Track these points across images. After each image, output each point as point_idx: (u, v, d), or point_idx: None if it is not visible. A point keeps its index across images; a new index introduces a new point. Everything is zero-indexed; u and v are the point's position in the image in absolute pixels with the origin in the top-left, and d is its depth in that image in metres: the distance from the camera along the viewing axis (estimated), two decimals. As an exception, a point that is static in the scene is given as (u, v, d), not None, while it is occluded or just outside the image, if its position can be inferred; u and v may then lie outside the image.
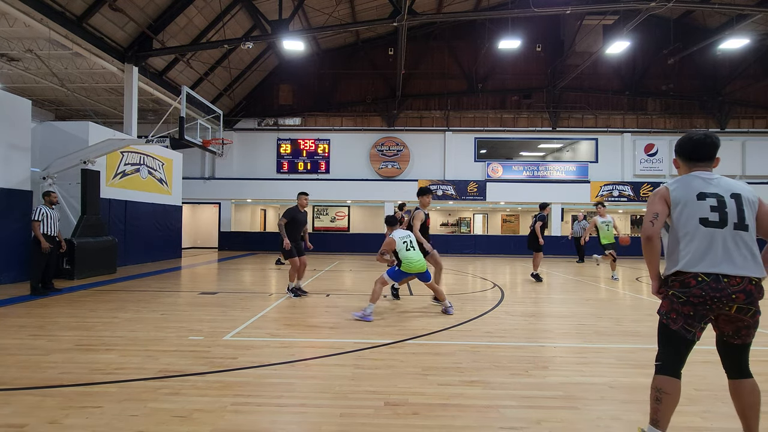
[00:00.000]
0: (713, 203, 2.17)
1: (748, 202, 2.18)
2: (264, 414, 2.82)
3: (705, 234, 2.16)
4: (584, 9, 14.19)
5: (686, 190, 2.24)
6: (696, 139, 2.34)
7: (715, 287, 2.12)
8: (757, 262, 2.13)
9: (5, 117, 8.26)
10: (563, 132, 20.38)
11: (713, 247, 2.14)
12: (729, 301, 2.11)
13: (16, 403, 2.89)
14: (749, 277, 2.10)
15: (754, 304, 2.12)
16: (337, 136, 20.32)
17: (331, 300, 7.07)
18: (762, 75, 19.60)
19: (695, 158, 2.35)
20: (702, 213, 2.18)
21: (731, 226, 2.14)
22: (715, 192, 2.20)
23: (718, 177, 2.26)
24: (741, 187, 2.22)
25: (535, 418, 2.79)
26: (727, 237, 2.14)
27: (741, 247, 2.13)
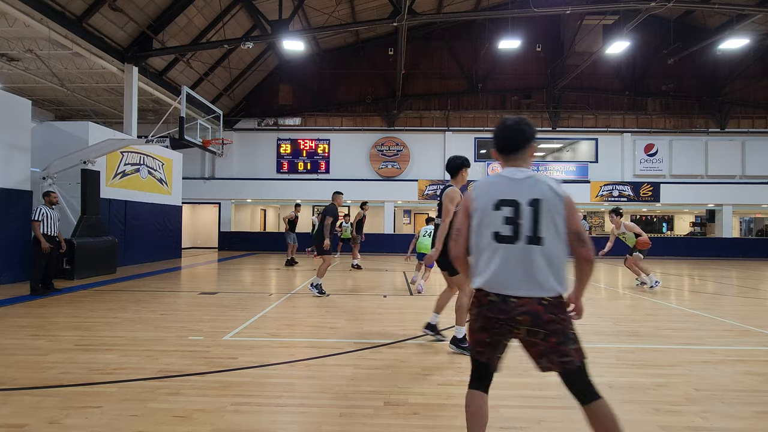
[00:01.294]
0: (508, 213, 1.88)
1: (548, 210, 1.84)
2: (264, 414, 2.82)
3: (497, 250, 1.89)
4: (584, 9, 14.20)
5: (486, 197, 1.94)
6: (501, 127, 2.00)
7: (503, 308, 1.88)
8: (549, 279, 1.84)
9: (5, 117, 8.26)
10: (563, 132, 20.39)
11: (505, 265, 1.88)
12: (516, 323, 1.86)
13: (16, 403, 2.89)
14: (537, 297, 1.85)
15: (544, 327, 1.84)
16: (337, 136, 20.32)
17: (331, 300, 7.07)
18: (762, 75, 19.59)
19: (503, 150, 2.01)
20: (495, 226, 1.89)
21: (524, 241, 1.85)
22: (513, 198, 1.88)
23: (528, 176, 1.91)
24: (544, 191, 1.86)
25: (535, 418, 2.79)
26: (519, 253, 1.86)
27: (533, 264, 1.85)
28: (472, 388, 2.06)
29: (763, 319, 5.94)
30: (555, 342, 1.85)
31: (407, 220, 24.92)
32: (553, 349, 1.86)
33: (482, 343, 1.99)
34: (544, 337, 1.86)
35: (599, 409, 1.86)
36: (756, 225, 24.34)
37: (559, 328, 1.85)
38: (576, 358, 1.88)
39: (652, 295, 8.09)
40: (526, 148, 1.98)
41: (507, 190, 1.91)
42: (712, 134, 19.97)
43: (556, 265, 1.86)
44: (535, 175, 1.92)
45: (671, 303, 7.22)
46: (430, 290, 8.15)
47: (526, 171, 1.94)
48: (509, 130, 1.98)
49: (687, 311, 6.46)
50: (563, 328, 1.86)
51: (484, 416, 2.02)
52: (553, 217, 1.85)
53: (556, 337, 1.85)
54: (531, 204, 1.86)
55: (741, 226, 24.55)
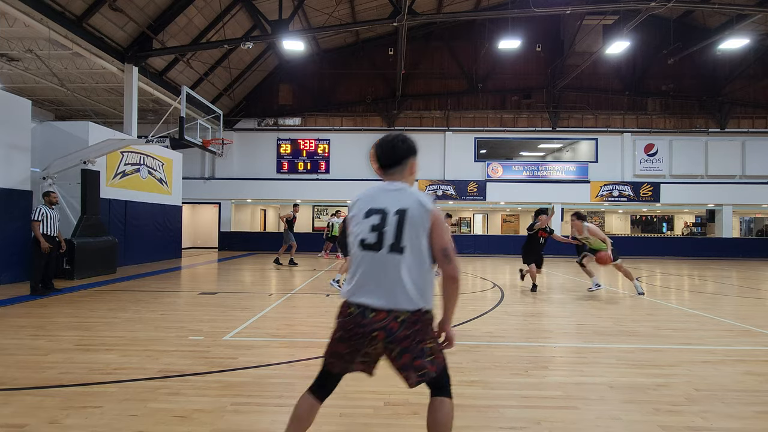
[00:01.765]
0: (375, 221, 1.86)
1: (412, 221, 1.82)
2: (264, 414, 2.82)
3: (363, 258, 1.86)
4: (584, 9, 14.20)
5: (362, 204, 1.95)
6: (379, 143, 2.03)
7: (360, 322, 1.83)
8: (409, 292, 1.80)
9: (5, 117, 8.26)
10: (563, 132, 20.39)
11: (367, 274, 1.85)
12: (372, 339, 1.81)
13: (16, 403, 2.89)
14: (395, 310, 1.80)
15: (399, 343, 1.80)
16: (337, 136, 20.32)
17: (331, 300, 7.07)
18: (762, 75, 19.60)
19: (381, 164, 2.03)
20: (363, 233, 1.88)
21: (386, 249, 1.82)
22: (382, 207, 1.87)
23: (402, 189, 1.93)
24: (411, 202, 1.85)
25: (535, 418, 2.79)
26: (381, 262, 1.82)
27: (393, 273, 1.80)
28: (310, 393, 2.03)
29: (763, 319, 5.94)
30: (410, 358, 1.83)
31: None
32: (409, 365, 1.83)
33: (337, 354, 1.95)
34: (399, 354, 1.82)
35: (441, 405, 1.90)
36: (756, 225, 24.34)
37: (414, 345, 1.82)
38: (431, 370, 1.85)
39: (652, 295, 8.09)
40: (401, 164, 2.01)
41: (380, 200, 1.91)
42: (712, 134, 19.97)
43: (416, 277, 1.82)
44: (406, 188, 1.94)
45: (671, 303, 7.22)
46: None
47: (399, 184, 1.96)
48: (386, 146, 2.01)
49: (687, 311, 6.46)
50: (419, 344, 1.83)
51: (309, 423, 2.00)
52: (416, 229, 1.83)
53: (411, 353, 1.82)
54: (397, 213, 1.84)
55: (741, 226, 24.55)
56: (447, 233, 1.90)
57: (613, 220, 24.65)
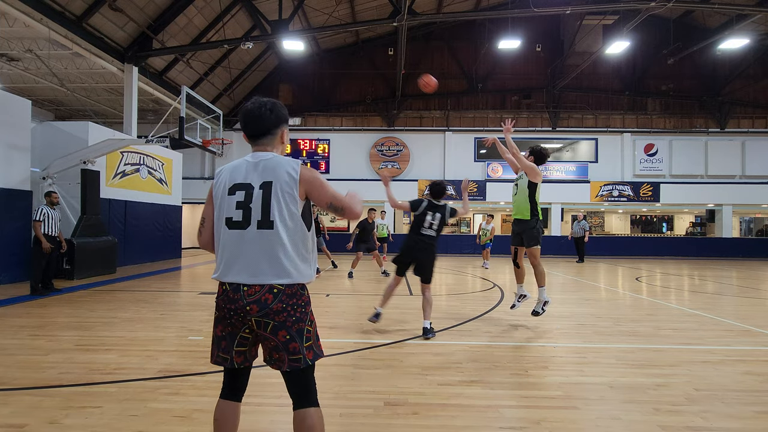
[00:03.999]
0: (240, 198, 1.76)
1: (279, 192, 1.74)
2: (264, 414, 2.82)
3: (230, 237, 1.76)
4: (584, 9, 14.20)
5: (224, 182, 1.82)
6: (243, 111, 1.88)
7: (233, 297, 1.73)
8: (282, 264, 1.73)
9: (5, 117, 8.25)
10: (563, 132, 20.39)
11: (238, 253, 1.75)
12: (245, 314, 1.71)
13: (16, 403, 2.89)
14: (268, 284, 1.72)
15: (273, 317, 1.70)
16: (336, 136, 20.32)
17: (331, 300, 7.07)
18: (762, 75, 19.60)
19: (248, 134, 1.88)
20: (228, 212, 1.77)
21: (254, 226, 1.73)
22: (247, 182, 1.77)
23: (268, 158, 1.80)
24: (277, 173, 1.75)
25: (535, 418, 2.79)
26: (251, 239, 1.73)
27: (264, 249, 1.73)
28: (222, 398, 1.90)
29: (763, 319, 5.94)
30: (285, 337, 1.72)
31: (407, 220, 24.93)
32: (283, 344, 1.72)
33: (218, 341, 1.84)
34: (274, 331, 1.72)
35: (307, 417, 1.77)
36: (756, 225, 24.34)
37: (290, 321, 1.73)
38: (308, 356, 1.76)
39: (652, 295, 8.09)
40: (272, 133, 1.86)
41: (245, 173, 1.79)
42: (712, 134, 19.97)
43: (291, 250, 1.74)
44: (273, 158, 1.80)
45: (671, 303, 7.22)
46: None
47: (266, 154, 1.82)
48: (250, 114, 1.85)
49: (687, 311, 6.46)
50: (296, 323, 1.74)
51: (235, 426, 1.89)
52: (285, 200, 1.74)
53: (286, 332, 1.73)
54: (262, 187, 1.75)
55: (741, 226, 24.55)
56: (325, 187, 1.81)
57: (613, 220, 24.65)
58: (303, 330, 1.76)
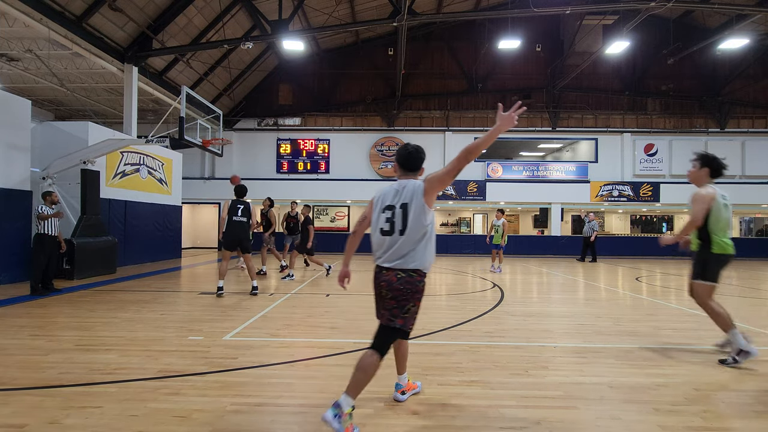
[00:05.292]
0: (389, 215, 2.64)
1: (412, 209, 2.59)
2: (264, 414, 2.82)
3: (381, 240, 2.68)
4: (584, 9, 14.20)
5: (380, 202, 2.72)
6: (403, 152, 2.74)
7: (377, 275, 2.69)
8: (407, 258, 2.59)
9: (5, 117, 8.25)
10: (563, 132, 20.39)
11: (383, 248, 2.66)
12: (379, 287, 2.67)
13: (16, 404, 2.89)
14: (396, 269, 2.60)
15: (392, 291, 2.60)
16: (336, 136, 20.32)
17: (331, 300, 7.07)
18: (762, 75, 19.60)
19: (405, 169, 2.77)
20: (381, 224, 2.67)
21: (397, 233, 2.61)
22: (393, 204, 2.64)
23: (405, 185, 2.66)
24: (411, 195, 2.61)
25: (535, 418, 2.79)
26: (394, 241, 2.62)
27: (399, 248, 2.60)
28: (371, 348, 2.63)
29: (763, 319, 5.94)
30: (393, 304, 2.62)
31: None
32: (390, 309, 2.63)
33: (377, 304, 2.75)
34: (390, 297, 2.63)
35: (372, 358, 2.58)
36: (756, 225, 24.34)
37: (401, 298, 2.60)
38: (398, 322, 2.63)
39: (652, 295, 8.09)
40: (415, 171, 2.77)
41: (392, 196, 2.68)
42: (712, 134, 19.97)
43: (412, 248, 2.59)
44: (408, 184, 2.67)
45: (671, 303, 7.22)
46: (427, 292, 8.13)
47: (405, 182, 2.70)
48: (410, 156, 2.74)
49: (687, 311, 6.46)
50: (404, 301, 2.61)
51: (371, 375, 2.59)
52: (416, 213, 2.58)
53: (396, 301, 2.61)
54: (402, 207, 2.62)
55: (741, 226, 24.54)
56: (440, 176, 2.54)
57: (613, 220, 24.64)
58: (406, 307, 2.64)
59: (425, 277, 2.68)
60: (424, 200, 2.57)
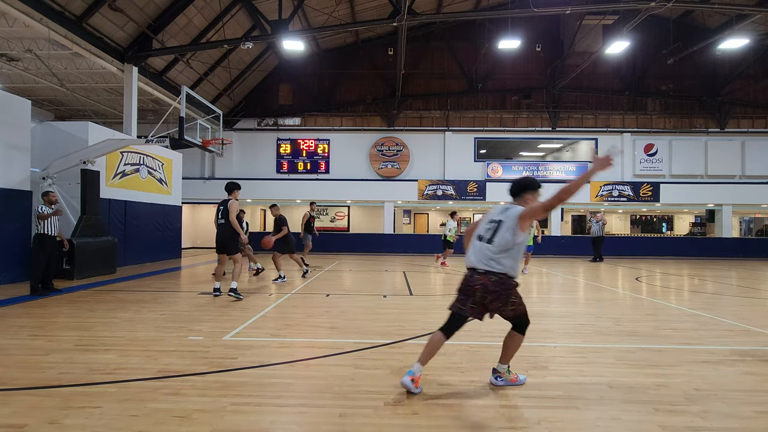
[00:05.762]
0: (489, 226, 3.20)
1: (504, 227, 3.10)
2: (264, 414, 2.82)
3: (475, 244, 3.24)
4: (584, 9, 14.20)
5: (488, 216, 3.31)
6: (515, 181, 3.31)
7: (469, 277, 3.17)
8: (492, 264, 3.07)
9: (5, 117, 8.25)
10: (563, 132, 20.39)
11: (474, 252, 3.21)
12: (473, 288, 3.10)
13: (16, 404, 2.89)
14: (490, 272, 3.07)
15: (490, 294, 3.06)
16: (336, 136, 20.32)
17: (331, 300, 7.07)
18: (762, 75, 19.60)
19: (510, 192, 3.34)
20: (481, 232, 3.24)
21: (485, 241, 3.16)
22: (495, 219, 3.19)
23: (510, 208, 3.19)
24: (507, 217, 3.13)
25: (535, 418, 2.79)
26: (482, 246, 3.17)
27: (485, 253, 3.12)
28: (440, 331, 3.20)
29: (763, 319, 5.94)
30: (498, 305, 3.11)
31: (407, 220, 24.93)
32: (496, 308, 3.13)
33: (458, 300, 3.20)
34: (490, 301, 3.08)
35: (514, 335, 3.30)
36: (756, 225, 24.35)
37: (501, 297, 3.07)
38: (510, 314, 3.17)
39: (652, 295, 8.09)
40: (519, 196, 3.27)
41: (497, 213, 3.25)
42: (712, 134, 19.97)
43: (497, 257, 3.08)
44: (511, 208, 3.18)
45: (671, 303, 7.22)
46: (425, 293, 8.11)
47: (510, 206, 3.22)
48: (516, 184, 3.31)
49: (687, 311, 6.46)
50: (504, 299, 3.08)
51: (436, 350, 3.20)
52: (507, 231, 3.08)
53: (498, 302, 3.09)
54: (496, 222, 3.17)
55: (741, 226, 24.55)
56: (536, 209, 3.02)
57: (612, 220, 24.65)
58: (510, 302, 3.12)
59: (514, 278, 3.14)
60: (518, 223, 3.04)
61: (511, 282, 3.08)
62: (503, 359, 3.33)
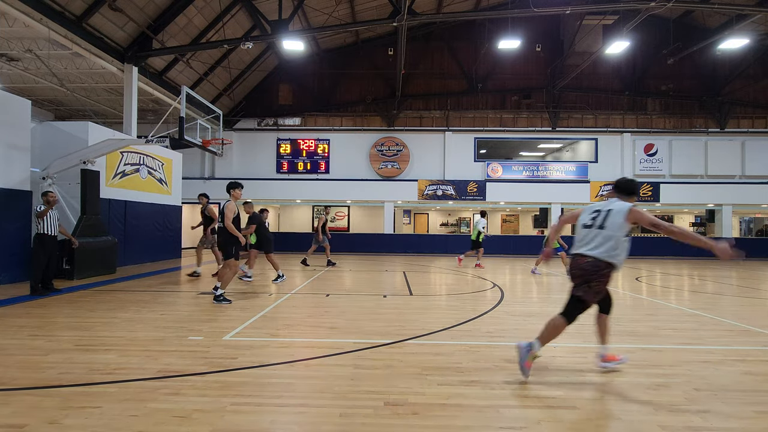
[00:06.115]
0: (594, 216, 3.52)
1: (612, 215, 3.40)
2: (264, 414, 2.82)
3: (582, 232, 3.57)
4: (584, 9, 14.19)
5: (588, 209, 3.67)
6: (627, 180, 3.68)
7: (573, 261, 3.54)
8: (597, 247, 3.38)
9: (5, 117, 8.25)
10: (563, 132, 20.39)
11: (581, 239, 3.54)
12: (573, 269, 3.53)
13: (16, 404, 2.89)
14: (587, 255, 3.41)
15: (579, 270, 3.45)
16: (336, 136, 20.32)
17: (331, 300, 7.07)
18: (762, 75, 19.59)
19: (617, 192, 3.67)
20: (585, 221, 3.57)
21: (596, 228, 3.46)
22: (600, 209, 3.52)
23: (617, 201, 3.55)
24: (617, 207, 3.43)
25: (535, 418, 2.79)
26: (589, 232, 3.49)
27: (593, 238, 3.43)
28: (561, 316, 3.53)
29: (763, 319, 5.94)
30: (579, 282, 3.46)
31: (407, 220, 24.93)
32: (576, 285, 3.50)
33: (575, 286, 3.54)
34: (580, 279, 3.45)
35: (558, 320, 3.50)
36: (756, 225, 24.34)
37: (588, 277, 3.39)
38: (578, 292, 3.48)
39: (652, 295, 8.09)
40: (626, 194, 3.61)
41: (600, 206, 3.57)
42: (712, 134, 19.97)
43: (605, 241, 3.37)
44: (616, 201, 3.54)
45: (671, 303, 7.22)
46: (424, 293, 8.11)
47: (615, 200, 3.58)
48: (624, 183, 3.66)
49: (687, 311, 6.46)
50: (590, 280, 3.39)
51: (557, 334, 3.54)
52: (614, 219, 3.38)
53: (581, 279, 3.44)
54: (606, 211, 3.47)
55: (741, 226, 24.55)
56: (646, 216, 3.31)
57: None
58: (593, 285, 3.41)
59: (612, 268, 3.35)
60: (625, 218, 3.32)
61: (606, 269, 3.35)
62: (602, 341, 3.72)
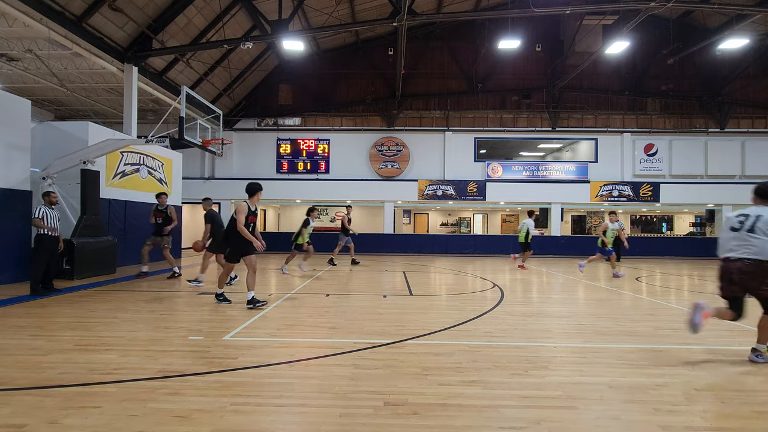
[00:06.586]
0: (742, 219, 3.89)
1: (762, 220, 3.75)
2: (264, 414, 2.82)
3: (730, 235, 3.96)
4: (584, 9, 14.20)
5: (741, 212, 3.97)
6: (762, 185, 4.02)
7: (726, 265, 3.92)
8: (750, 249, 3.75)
9: (5, 117, 8.25)
10: (563, 132, 20.39)
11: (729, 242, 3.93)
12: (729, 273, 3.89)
13: (16, 404, 2.89)
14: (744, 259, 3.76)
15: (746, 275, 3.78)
16: (336, 136, 20.33)
17: (331, 300, 7.07)
18: (762, 75, 19.60)
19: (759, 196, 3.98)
20: (733, 224, 3.95)
21: (744, 231, 3.83)
22: (748, 214, 3.86)
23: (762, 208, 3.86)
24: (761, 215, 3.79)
25: (534, 418, 2.79)
26: (738, 236, 3.86)
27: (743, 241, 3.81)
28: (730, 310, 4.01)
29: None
30: (754, 286, 3.78)
31: (407, 220, 24.93)
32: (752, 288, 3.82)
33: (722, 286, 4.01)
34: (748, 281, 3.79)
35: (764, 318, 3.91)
36: (756, 225, 24.28)
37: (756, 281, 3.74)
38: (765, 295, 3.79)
39: (652, 295, 8.10)
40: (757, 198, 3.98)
41: (748, 211, 3.89)
42: (712, 134, 19.98)
43: (758, 243, 3.72)
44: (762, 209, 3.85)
45: (671, 303, 7.22)
46: (423, 292, 8.10)
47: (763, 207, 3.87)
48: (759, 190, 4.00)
49: (687, 311, 6.45)
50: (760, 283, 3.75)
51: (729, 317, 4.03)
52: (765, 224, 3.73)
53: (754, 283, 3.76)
54: (755, 216, 3.80)
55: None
56: None
57: (612, 220, 24.63)
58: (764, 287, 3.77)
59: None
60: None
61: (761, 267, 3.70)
62: (760, 340, 4.00)
